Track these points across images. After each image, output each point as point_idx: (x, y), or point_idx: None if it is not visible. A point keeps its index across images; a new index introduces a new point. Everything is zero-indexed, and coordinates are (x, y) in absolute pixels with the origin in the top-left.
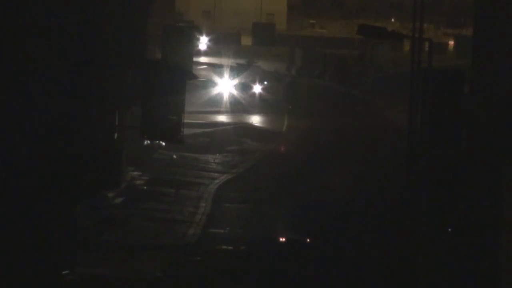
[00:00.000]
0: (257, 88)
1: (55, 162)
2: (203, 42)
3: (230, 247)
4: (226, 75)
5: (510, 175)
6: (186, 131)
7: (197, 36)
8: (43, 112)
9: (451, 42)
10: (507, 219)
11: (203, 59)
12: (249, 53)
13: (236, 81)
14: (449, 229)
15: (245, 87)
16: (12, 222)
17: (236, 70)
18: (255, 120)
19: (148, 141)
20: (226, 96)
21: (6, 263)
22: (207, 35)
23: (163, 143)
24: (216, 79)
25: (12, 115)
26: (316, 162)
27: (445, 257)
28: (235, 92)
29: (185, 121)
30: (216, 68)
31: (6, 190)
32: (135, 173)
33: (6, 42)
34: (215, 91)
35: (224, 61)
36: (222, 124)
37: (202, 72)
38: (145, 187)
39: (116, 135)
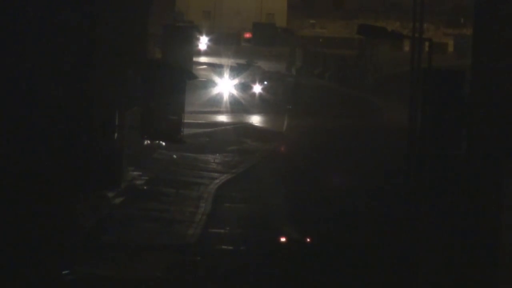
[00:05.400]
0: (257, 88)
1: (55, 162)
2: (203, 42)
3: (230, 247)
4: (226, 75)
5: (510, 175)
6: (186, 131)
7: (197, 36)
8: (43, 112)
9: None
10: (508, 219)
11: (203, 59)
12: (249, 53)
13: (236, 81)
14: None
15: (245, 87)
16: (12, 222)
17: (236, 70)
18: (255, 120)
19: (148, 141)
20: (226, 96)
21: (6, 263)
22: (207, 35)
23: (163, 143)
24: (216, 79)
25: (12, 115)
26: (316, 162)
27: (446, 256)
28: (235, 92)
29: (185, 121)
30: (216, 68)
31: (7, 190)
32: (135, 173)
33: (6, 43)
34: (215, 91)
35: (224, 61)
36: (222, 124)
37: (202, 72)
38: (145, 187)
39: (116, 135)
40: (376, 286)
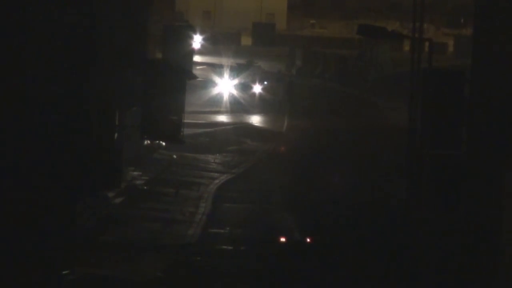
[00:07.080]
0: (257, 88)
1: (55, 162)
2: (197, 41)
3: (230, 247)
4: (226, 75)
5: (510, 175)
6: (186, 131)
7: (192, 35)
8: (43, 112)
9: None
10: (508, 219)
11: (203, 59)
12: (249, 53)
13: (236, 81)
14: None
15: (245, 87)
16: (12, 222)
17: (236, 70)
18: (255, 120)
19: (148, 141)
20: (226, 96)
21: (6, 263)
22: (201, 34)
23: (163, 143)
24: (216, 79)
25: (12, 115)
26: (316, 162)
27: (446, 255)
28: (235, 92)
29: (185, 121)
30: (216, 68)
31: (7, 189)
32: (135, 173)
33: (6, 42)
34: (215, 91)
35: (224, 61)
36: (222, 124)
37: (200, 72)
38: (145, 187)
39: (116, 135)
40: (376, 286)
